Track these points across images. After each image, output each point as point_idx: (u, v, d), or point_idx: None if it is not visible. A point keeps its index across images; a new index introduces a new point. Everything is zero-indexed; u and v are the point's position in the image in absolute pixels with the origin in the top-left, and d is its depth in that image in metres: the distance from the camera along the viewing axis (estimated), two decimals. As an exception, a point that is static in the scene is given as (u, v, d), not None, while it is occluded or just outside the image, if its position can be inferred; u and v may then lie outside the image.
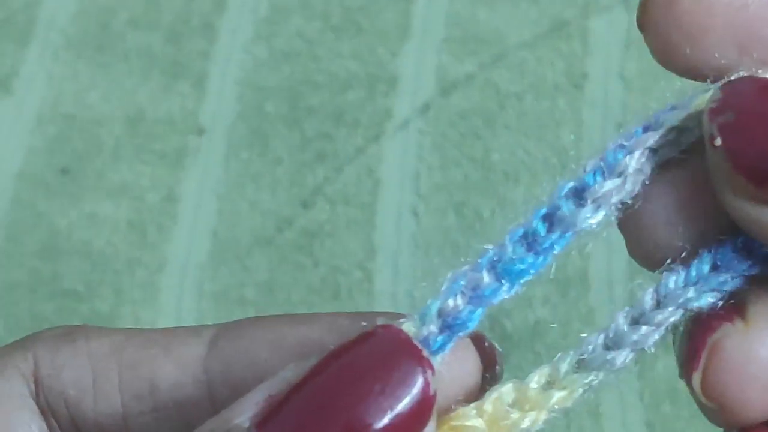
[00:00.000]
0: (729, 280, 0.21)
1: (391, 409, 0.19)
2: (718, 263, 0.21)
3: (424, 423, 0.19)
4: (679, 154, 0.21)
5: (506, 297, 0.20)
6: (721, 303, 0.21)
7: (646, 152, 0.21)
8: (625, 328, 0.22)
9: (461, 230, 0.86)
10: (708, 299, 0.21)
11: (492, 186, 0.88)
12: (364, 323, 0.20)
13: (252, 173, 0.90)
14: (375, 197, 0.88)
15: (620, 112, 0.91)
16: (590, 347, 0.22)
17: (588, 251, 0.85)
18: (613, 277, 0.83)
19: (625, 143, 0.21)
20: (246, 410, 0.19)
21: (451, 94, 0.93)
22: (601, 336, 0.22)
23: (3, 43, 0.98)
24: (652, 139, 0.21)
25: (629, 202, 0.20)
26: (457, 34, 0.96)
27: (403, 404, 0.19)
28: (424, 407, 0.19)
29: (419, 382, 0.19)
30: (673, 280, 0.21)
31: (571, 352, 0.22)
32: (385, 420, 0.19)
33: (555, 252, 0.20)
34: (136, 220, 0.88)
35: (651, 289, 0.21)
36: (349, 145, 0.91)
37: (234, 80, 0.95)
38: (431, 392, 0.19)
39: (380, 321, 0.20)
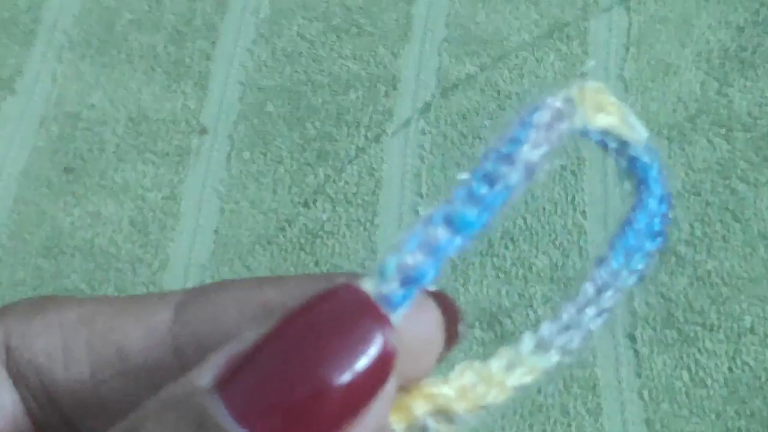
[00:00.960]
0: (641, 259, 0.23)
1: (352, 366, 0.19)
2: (628, 251, 0.23)
3: (384, 379, 0.20)
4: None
5: (458, 248, 0.21)
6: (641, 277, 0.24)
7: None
8: (575, 313, 0.23)
9: (461, 230, 0.87)
10: (634, 278, 0.24)
11: (492, 186, 0.88)
12: (326, 283, 0.21)
13: (253, 173, 0.91)
14: (376, 197, 0.89)
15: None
16: (546, 332, 0.23)
17: (587, 251, 0.85)
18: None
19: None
20: (208, 371, 0.19)
21: (451, 94, 0.93)
22: (556, 322, 0.23)
23: (7, 44, 0.99)
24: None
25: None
26: (457, 35, 0.97)
27: (363, 361, 0.19)
28: (384, 364, 0.20)
29: (378, 339, 0.20)
30: (605, 271, 0.23)
31: (530, 335, 0.23)
32: (346, 377, 0.19)
33: (496, 206, 0.21)
34: (139, 219, 0.89)
35: (589, 282, 0.23)
36: (351, 144, 0.91)
37: (236, 80, 0.96)
38: (390, 349, 0.20)
39: (341, 280, 0.20)
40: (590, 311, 0.23)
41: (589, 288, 0.24)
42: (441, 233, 0.21)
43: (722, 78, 0.92)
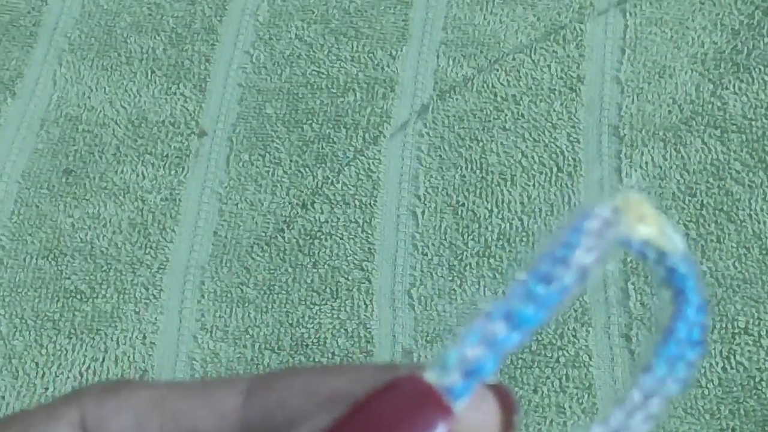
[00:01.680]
0: (684, 367, 0.25)
1: None
2: (671, 359, 0.24)
3: None
4: None
5: (516, 344, 0.22)
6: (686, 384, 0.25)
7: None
8: (624, 418, 0.24)
9: (459, 231, 0.87)
10: (678, 386, 0.25)
11: (489, 187, 0.89)
12: (390, 373, 0.21)
13: (252, 174, 0.91)
14: (374, 198, 0.89)
15: (616, 115, 0.92)
16: None
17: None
18: (607, 279, 0.84)
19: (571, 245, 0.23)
20: None
21: (448, 96, 0.94)
22: (606, 427, 0.25)
23: (8, 47, 0.99)
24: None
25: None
26: (454, 37, 0.97)
27: None
28: None
29: (441, 429, 0.21)
30: (650, 378, 0.24)
31: None
32: None
33: (552, 305, 0.22)
34: (139, 221, 0.89)
35: (636, 389, 0.25)
36: (349, 146, 0.92)
37: (235, 83, 0.96)
38: None
39: (404, 371, 0.21)
40: (638, 417, 0.25)
41: (636, 394, 0.25)
42: (500, 329, 0.22)
43: (717, 80, 0.92)
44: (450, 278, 0.84)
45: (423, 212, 0.88)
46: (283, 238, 0.88)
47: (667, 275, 0.25)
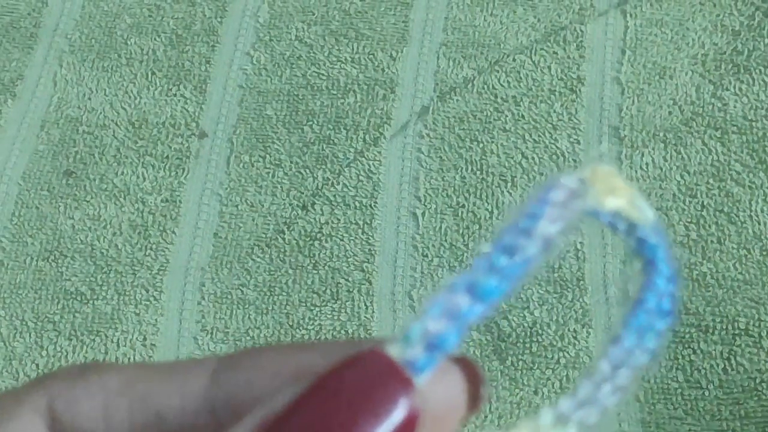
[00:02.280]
0: (653, 337, 0.25)
1: (378, 429, 0.20)
2: (640, 330, 0.24)
3: None
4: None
5: (479, 316, 0.22)
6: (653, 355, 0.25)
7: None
8: (592, 389, 0.24)
9: (459, 232, 0.87)
10: (647, 356, 0.25)
11: (489, 189, 0.89)
12: (355, 348, 0.21)
13: (253, 176, 0.91)
14: (374, 200, 0.89)
15: (616, 116, 0.92)
16: (565, 407, 0.24)
17: (583, 253, 0.85)
18: (608, 279, 0.84)
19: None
20: None
21: (449, 98, 0.94)
22: (573, 398, 0.25)
23: (8, 48, 0.99)
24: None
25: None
26: (455, 39, 0.97)
27: (389, 423, 0.20)
28: (408, 426, 0.21)
29: (403, 402, 0.21)
30: (619, 349, 0.24)
31: (549, 410, 0.24)
32: None
33: (515, 277, 0.22)
34: (139, 222, 0.89)
35: (604, 359, 0.25)
36: (349, 148, 0.92)
37: (235, 84, 0.96)
38: (414, 412, 0.21)
39: (367, 346, 0.21)
40: (606, 388, 0.25)
41: (604, 365, 0.25)
42: (463, 301, 0.22)
43: (718, 81, 0.92)
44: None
45: (423, 213, 0.88)
46: (284, 239, 0.88)
47: (638, 246, 0.25)
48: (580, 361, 0.80)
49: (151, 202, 0.90)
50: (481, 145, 0.91)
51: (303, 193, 0.90)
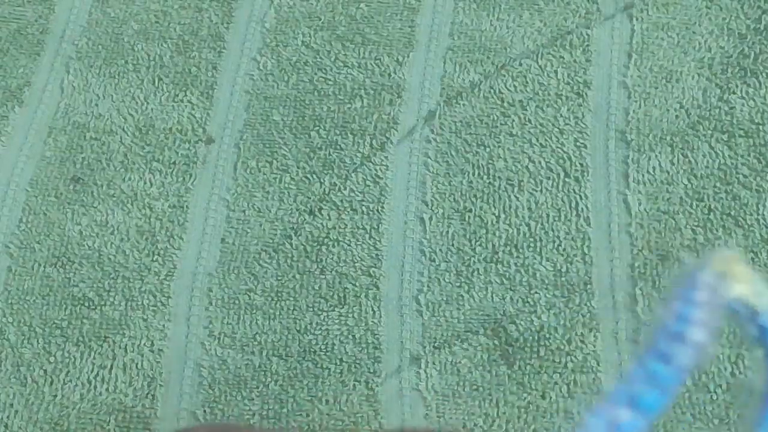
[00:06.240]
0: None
1: None
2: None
3: None
4: None
5: (640, 429, 0.22)
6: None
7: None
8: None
9: (466, 236, 0.87)
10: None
11: (496, 193, 0.89)
12: None
13: (260, 181, 0.91)
14: (381, 204, 0.89)
15: (623, 120, 0.92)
16: None
17: (590, 257, 0.85)
18: (615, 284, 0.84)
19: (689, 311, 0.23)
20: None
21: (455, 102, 0.94)
22: None
23: (15, 55, 0.99)
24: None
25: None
26: (461, 43, 0.97)
27: None
28: None
29: None
30: None
31: None
32: None
33: (673, 387, 0.22)
34: (146, 228, 0.89)
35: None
36: (356, 153, 0.92)
37: (242, 90, 0.96)
38: None
39: None
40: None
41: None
42: (624, 415, 0.22)
43: (724, 85, 0.92)
44: (458, 284, 0.84)
45: (430, 218, 0.88)
46: (291, 244, 0.88)
47: (760, 334, 0.24)
48: (587, 365, 0.80)
49: (158, 208, 0.90)
50: (487, 149, 0.91)
51: (310, 198, 0.90)
